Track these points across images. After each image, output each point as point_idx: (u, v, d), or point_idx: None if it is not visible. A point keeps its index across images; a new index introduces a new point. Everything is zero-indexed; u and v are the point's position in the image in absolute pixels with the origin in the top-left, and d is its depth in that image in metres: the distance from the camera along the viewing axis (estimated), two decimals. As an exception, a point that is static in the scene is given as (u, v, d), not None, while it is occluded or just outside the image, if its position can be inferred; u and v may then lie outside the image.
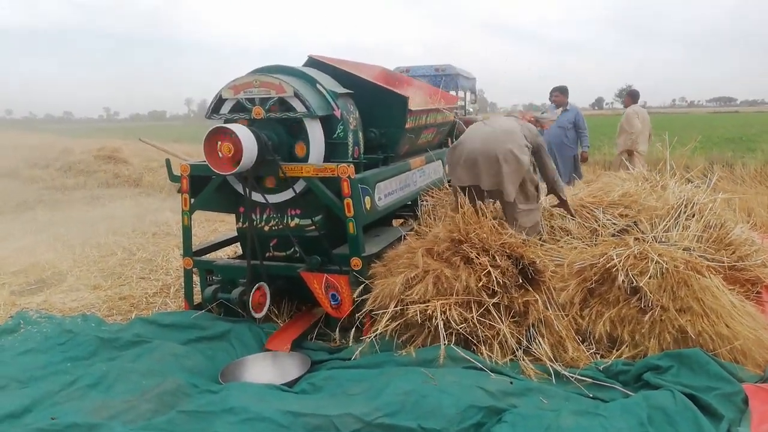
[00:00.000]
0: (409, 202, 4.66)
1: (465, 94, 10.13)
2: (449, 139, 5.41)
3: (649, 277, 2.99)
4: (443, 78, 9.38)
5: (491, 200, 3.95)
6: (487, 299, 3.03)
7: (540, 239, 3.73)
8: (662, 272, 3.00)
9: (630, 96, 7.86)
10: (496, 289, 3.06)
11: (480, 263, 3.15)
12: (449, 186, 4.10)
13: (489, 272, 3.09)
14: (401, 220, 5.03)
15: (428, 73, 9.29)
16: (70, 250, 6.22)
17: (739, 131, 21.35)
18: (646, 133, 7.52)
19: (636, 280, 3.01)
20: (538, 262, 3.22)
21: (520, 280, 3.15)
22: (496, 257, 3.19)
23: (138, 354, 3.24)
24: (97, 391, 2.86)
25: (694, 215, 3.73)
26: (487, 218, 3.48)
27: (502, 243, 3.28)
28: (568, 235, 3.88)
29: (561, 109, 7.49)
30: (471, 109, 10.41)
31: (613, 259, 3.11)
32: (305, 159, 3.65)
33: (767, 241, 4.26)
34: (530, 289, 3.15)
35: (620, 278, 3.04)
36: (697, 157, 9.83)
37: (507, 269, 3.13)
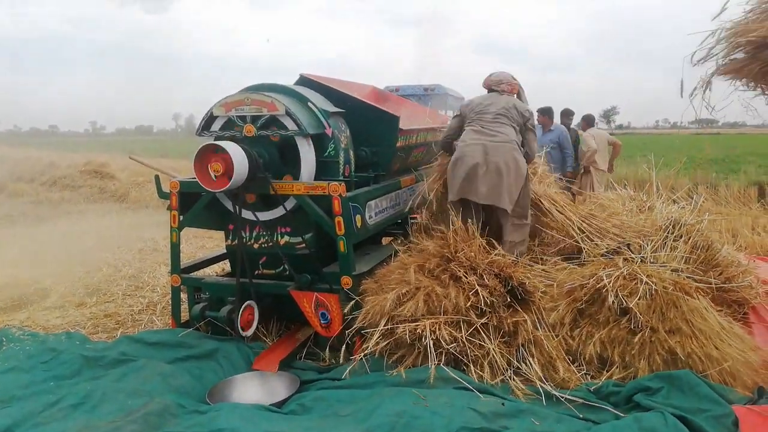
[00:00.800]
0: (399, 220, 4.67)
1: (454, 113, 10.20)
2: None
3: (639, 298, 3.00)
4: (432, 97, 9.43)
5: (483, 213, 3.97)
6: (476, 319, 3.03)
7: (529, 258, 3.76)
8: (651, 293, 3.02)
9: (585, 121, 8.39)
10: (484, 308, 3.06)
11: (468, 282, 3.15)
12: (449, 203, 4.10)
13: (477, 291, 3.09)
14: (390, 238, 5.03)
15: (417, 93, 9.33)
16: (54, 265, 6.12)
17: (722, 153, 21.69)
18: (603, 151, 7.95)
19: (626, 301, 3.02)
20: (527, 283, 3.23)
21: (509, 300, 3.16)
22: (484, 276, 3.19)
23: (123, 373, 3.18)
24: (81, 411, 2.81)
25: (681, 236, 3.76)
26: (476, 237, 3.50)
27: (489, 262, 3.28)
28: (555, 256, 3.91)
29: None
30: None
31: (603, 280, 3.13)
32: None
33: (752, 262, 4.31)
34: (519, 309, 3.15)
35: (610, 299, 3.05)
36: (682, 178, 9.97)
37: (495, 288, 3.14)
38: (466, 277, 3.17)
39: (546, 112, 7.79)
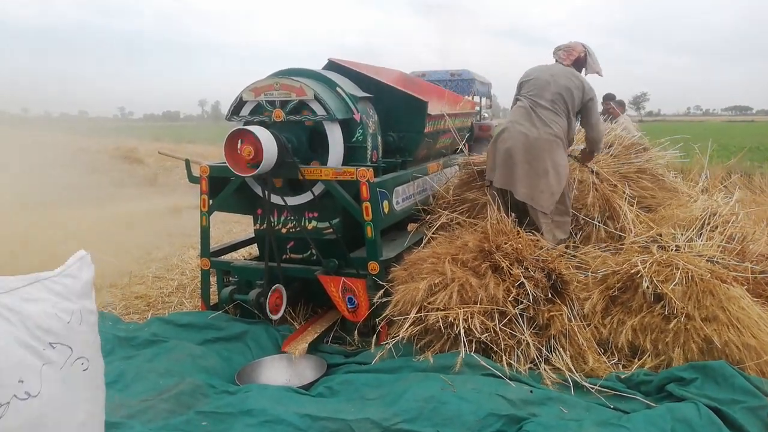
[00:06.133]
0: (426, 206, 4.64)
1: (480, 99, 10.10)
2: (467, 145, 5.38)
3: (674, 285, 2.94)
4: (459, 83, 9.35)
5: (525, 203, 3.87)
6: (511, 309, 2.99)
7: (566, 246, 3.70)
8: (687, 280, 2.96)
9: (620, 106, 7.90)
10: (523, 300, 3.02)
11: (513, 274, 3.10)
12: (487, 185, 4.02)
13: (521, 283, 3.04)
14: (417, 224, 5.01)
15: (444, 78, 9.27)
16: (85, 248, 6.21)
17: (756, 140, 21.13)
18: None
19: (660, 287, 2.96)
20: (565, 273, 3.18)
21: (550, 294, 3.11)
22: (529, 269, 3.13)
23: (155, 353, 3.24)
24: (114, 390, 2.86)
25: (716, 227, 3.67)
26: (520, 231, 3.43)
27: (537, 256, 3.21)
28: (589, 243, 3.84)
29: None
30: (486, 114, 10.38)
31: (637, 266, 3.07)
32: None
33: None
34: (557, 301, 3.11)
35: (644, 284, 2.99)
36: (715, 165, 9.71)
37: (540, 281, 3.09)
38: (510, 269, 3.11)
39: (615, 100, 7.47)
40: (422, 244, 3.81)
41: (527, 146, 3.66)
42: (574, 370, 2.86)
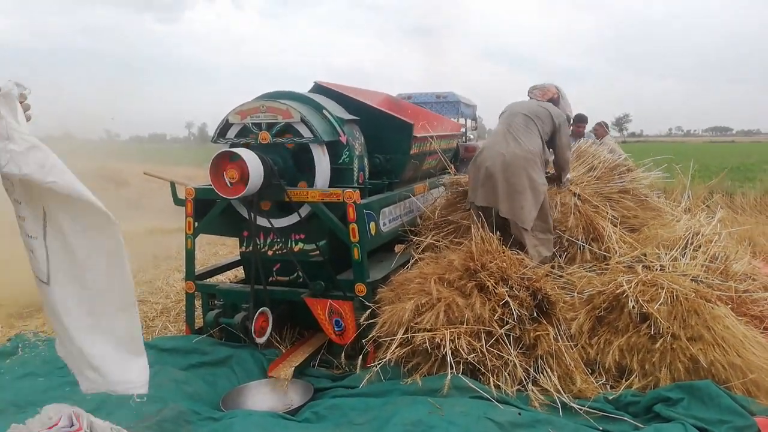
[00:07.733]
0: (412, 228, 4.65)
1: (466, 120, 10.20)
2: (452, 167, 5.41)
3: (660, 304, 2.96)
4: (445, 105, 9.44)
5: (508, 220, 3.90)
6: (497, 329, 2.99)
7: (551, 266, 3.72)
8: (672, 300, 2.98)
9: (604, 127, 8.01)
10: (508, 320, 3.02)
11: (498, 293, 3.11)
12: (468, 208, 4.08)
13: (506, 302, 3.05)
14: (403, 246, 5.01)
15: (430, 100, 9.35)
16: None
17: (736, 161, 21.48)
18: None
19: (646, 307, 2.98)
20: (552, 294, 3.19)
21: (536, 314, 3.11)
22: (514, 288, 3.14)
23: (138, 379, 3.18)
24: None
25: (700, 247, 3.71)
26: (505, 249, 3.45)
27: (522, 275, 3.23)
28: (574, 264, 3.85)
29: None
30: (472, 136, 10.47)
31: (623, 286, 3.09)
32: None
33: None
34: (543, 321, 3.11)
35: (630, 304, 3.01)
36: (698, 185, 9.86)
37: (525, 300, 3.09)
38: (495, 288, 3.12)
39: (583, 120, 7.58)
40: (408, 265, 3.81)
41: (504, 165, 3.79)
42: (562, 391, 2.85)
